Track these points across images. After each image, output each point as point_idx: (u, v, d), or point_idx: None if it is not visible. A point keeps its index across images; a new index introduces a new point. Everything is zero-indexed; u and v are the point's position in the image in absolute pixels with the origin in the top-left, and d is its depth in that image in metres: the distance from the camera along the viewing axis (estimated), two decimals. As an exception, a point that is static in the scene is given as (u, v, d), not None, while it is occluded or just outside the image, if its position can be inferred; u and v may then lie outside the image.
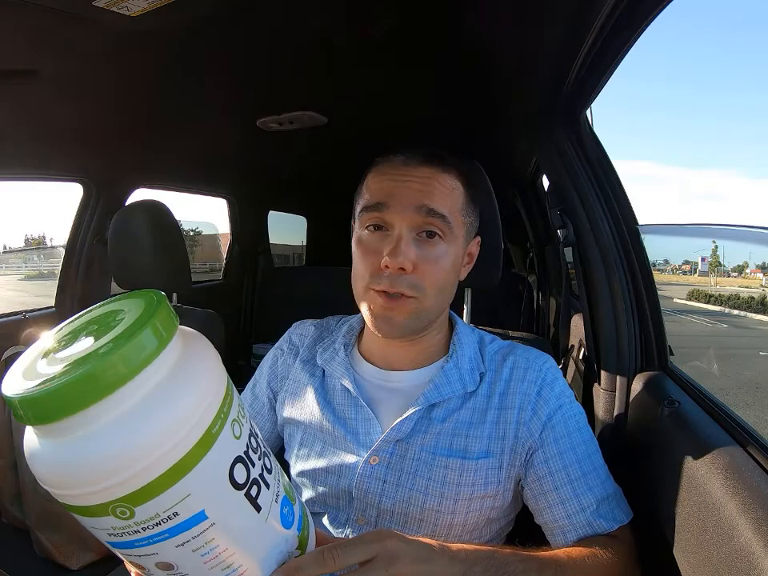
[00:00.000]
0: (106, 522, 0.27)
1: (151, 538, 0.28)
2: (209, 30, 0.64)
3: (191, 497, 0.27)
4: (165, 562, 0.29)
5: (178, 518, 0.27)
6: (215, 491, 0.29)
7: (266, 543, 0.33)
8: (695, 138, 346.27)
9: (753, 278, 11.00)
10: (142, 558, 0.29)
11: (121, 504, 0.26)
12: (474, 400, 0.59)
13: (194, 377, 0.29)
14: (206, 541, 0.29)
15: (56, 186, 1.38)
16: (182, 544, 0.28)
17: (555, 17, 0.62)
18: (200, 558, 0.29)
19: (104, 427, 0.26)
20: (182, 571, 0.30)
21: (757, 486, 0.44)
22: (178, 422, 0.27)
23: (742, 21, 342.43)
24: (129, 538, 0.28)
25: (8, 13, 0.56)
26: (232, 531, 0.30)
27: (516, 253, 2.50)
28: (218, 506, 0.29)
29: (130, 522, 0.27)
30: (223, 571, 0.31)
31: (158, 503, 0.27)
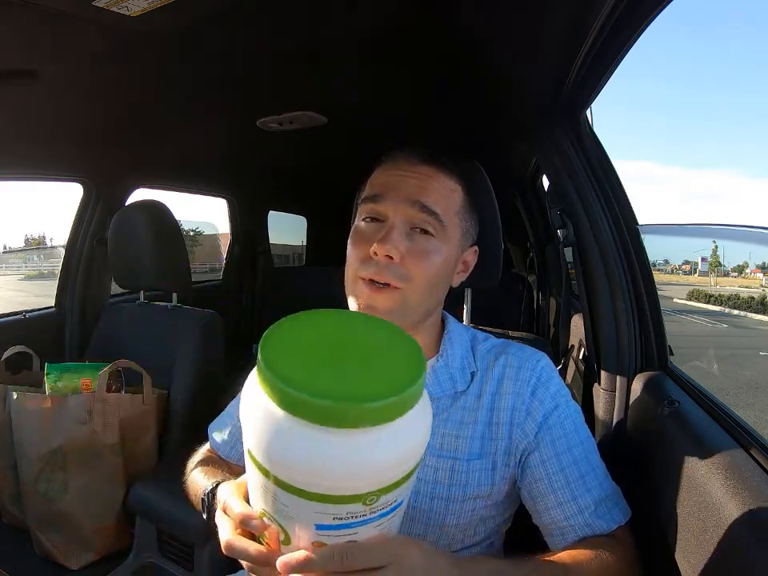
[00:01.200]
0: (350, 508, 0.33)
1: (372, 519, 0.34)
2: (209, 30, 0.64)
3: (404, 487, 0.35)
4: (352, 540, 0.35)
5: (395, 503, 0.35)
6: (410, 489, 0.37)
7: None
8: (695, 138, 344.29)
9: (753, 278, 11.00)
10: (334, 538, 0.35)
11: (377, 493, 0.33)
12: (465, 399, 0.58)
13: (424, 412, 0.36)
14: (389, 521, 0.36)
15: (56, 185, 1.38)
16: (379, 525, 0.35)
17: (555, 17, 0.62)
18: (375, 530, 0.36)
19: (391, 436, 0.33)
20: (355, 538, 0.35)
21: (757, 486, 0.44)
22: (422, 440, 0.36)
23: (742, 20, 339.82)
24: (353, 521, 0.34)
25: (8, 13, 0.56)
26: (402, 509, 0.38)
27: (516, 253, 2.50)
28: (407, 490, 0.36)
29: (371, 506, 0.33)
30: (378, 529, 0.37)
31: (395, 494, 0.34)
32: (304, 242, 2.76)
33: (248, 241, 2.13)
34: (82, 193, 1.43)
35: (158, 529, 0.96)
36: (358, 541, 0.35)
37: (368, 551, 0.37)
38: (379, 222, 0.57)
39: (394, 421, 0.32)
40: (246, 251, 2.12)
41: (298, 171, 1.84)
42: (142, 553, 0.98)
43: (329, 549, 0.36)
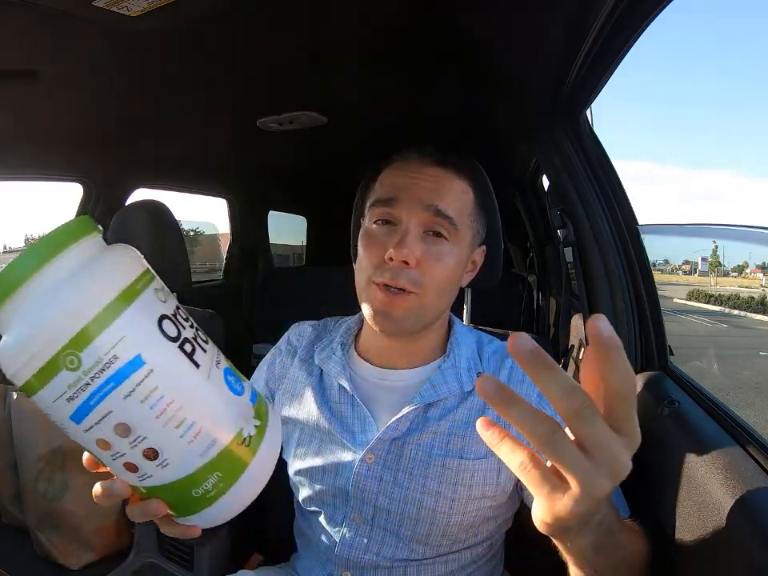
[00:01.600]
0: (61, 382, 0.30)
1: (101, 389, 0.30)
2: (209, 30, 0.64)
3: (125, 339, 0.31)
4: (121, 422, 0.31)
5: (119, 361, 0.30)
6: (147, 337, 0.32)
7: (215, 401, 0.34)
8: (695, 138, 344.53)
9: (753, 278, 11.00)
10: (98, 426, 0.31)
11: (68, 352, 0.29)
12: (472, 400, 0.58)
13: (112, 256, 0.33)
14: (150, 389, 0.31)
15: (56, 185, 1.38)
16: (129, 393, 0.31)
17: (555, 17, 0.62)
18: (150, 411, 0.31)
19: (37, 294, 0.30)
20: (139, 433, 0.31)
21: (757, 486, 0.44)
22: (104, 277, 0.32)
23: (743, 20, 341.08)
24: (83, 397, 0.30)
25: (8, 13, 0.56)
26: (172, 381, 0.32)
27: (516, 253, 2.50)
28: (152, 352, 0.32)
29: (79, 372, 0.30)
30: (178, 428, 0.32)
31: (98, 345, 0.30)
32: (304, 242, 2.76)
33: (248, 241, 2.13)
34: (82, 193, 1.43)
35: (158, 529, 0.96)
36: (128, 424, 0.31)
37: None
38: (392, 225, 0.56)
39: (15, 291, 0.30)
40: (245, 251, 2.12)
41: (298, 171, 1.84)
42: (142, 553, 0.98)
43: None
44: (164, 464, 0.32)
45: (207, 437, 0.33)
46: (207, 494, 0.34)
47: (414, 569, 0.58)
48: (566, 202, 0.87)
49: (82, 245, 0.32)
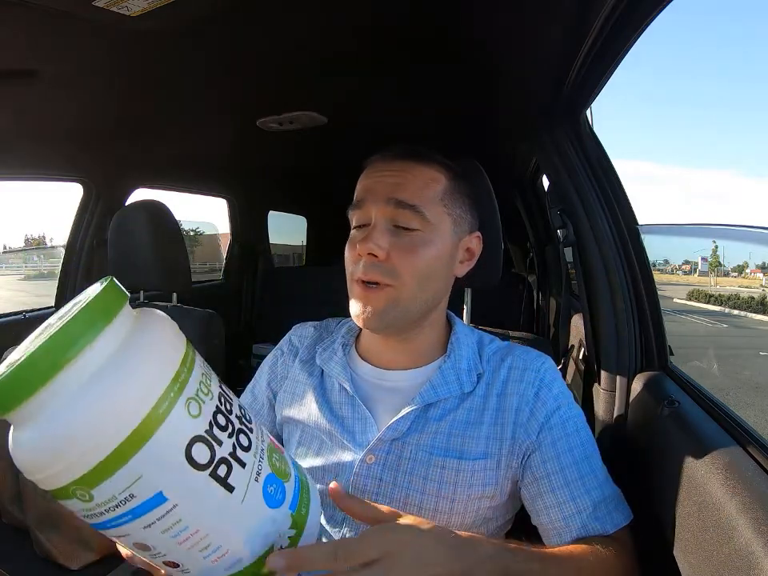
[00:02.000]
0: (74, 505, 0.28)
1: (116, 519, 0.28)
2: (209, 29, 0.64)
3: (144, 478, 0.27)
4: (139, 542, 0.30)
5: (136, 499, 0.28)
6: (171, 472, 0.28)
7: (247, 524, 0.32)
8: (695, 138, 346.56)
9: (753, 278, 11.00)
10: (120, 538, 0.30)
11: (78, 487, 0.27)
12: (471, 400, 0.58)
13: (135, 360, 0.29)
14: (173, 522, 0.29)
15: (56, 185, 1.38)
16: (149, 525, 0.29)
17: (555, 17, 0.62)
18: (171, 539, 0.29)
19: (48, 413, 0.27)
20: (160, 551, 0.30)
21: (757, 486, 0.44)
22: (118, 404, 0.27)
23: (743, 19, 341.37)
24: (98, 520, 0.29)
25: (8, 13, 0.56)
26: (200, 513, 0.30)
27: (516, 253, 2.50)
28: (177, 487, 0.29)
29: (92, 504, 0.28)
30: (201, 552, 0.30)
31: (111, 485, 0.27)
32: (304, 242, 2.76)
33: (248, 241, 2.13)
34: (82, 193, 1.43)
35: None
36: (147, 545, 0.30)
37: (361, 547, 0.36)
38: (366, 227, 0.58)
39: (32, 396, 0.26)
40: (245, 251, 2.12)
41: (298, 171, 1.84)
42: (142, 553, 0.98)
43: (329, 546, 0.36)
44: (185, 571, 0.32)
45: (233, 557, 0.32)
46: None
47: None
48: (565, 202, 0.87)
49: (101, 341, 0.28)
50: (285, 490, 0.35)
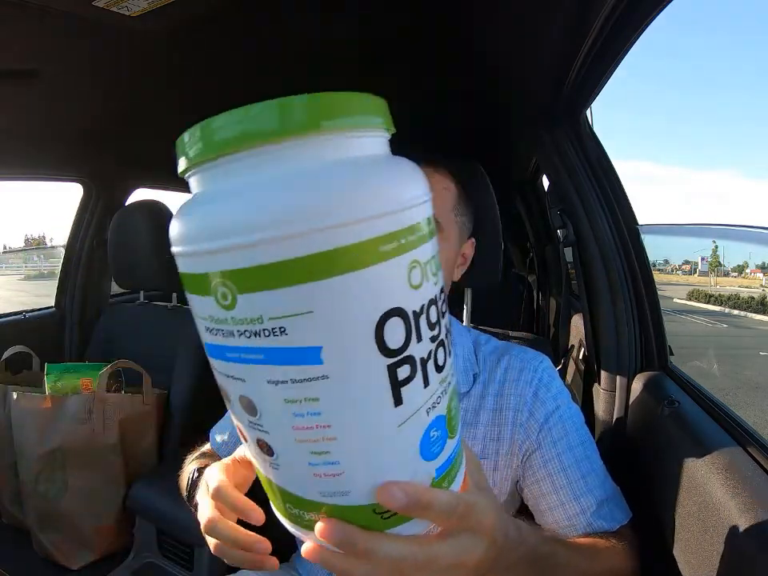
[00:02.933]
0: (208, 306, 0.22)
1: (245, 351, 0.22)
2: (209, 29, 0.64)
3: (313, 316, 0.20)
4: (249, 398, 0.23)
5: (284, 338, 0.21)
6: (348, 332, 0.21)
7: (384, 457, 0.24)
8: (695, 138, 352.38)
9: (753, 278, 11.00)
10: (229, 379, 0.23)
11: (225, 281, 0.21)
12: (467, 401, 0.58)
13: (404, 168, 0.24)
14: (309, 397, 0.22)
15: (56, 185, 1.38)
16: (276, 382, 0.22)
17: (555, 17, 0.62)
18: (290, 416, 0.22)
19: (268, 174, 0.21)
20: (262, 425, 0.23)
21: (757, 486, 0.44)
22: (347, 206, 0.21)
23: (743, 19, 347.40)
24: (222, 341, 0.22)
25: (8, 13, 0.56)
26: (345, 407, 0.22)
27: (516, 253, 2.50)
28: (342, 354, 0.21)
29: (229, 314, 0.21)
30: (312, 455, 0.23)
31: (266, 300, 0.20)
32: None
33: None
34: (82, 193, 1.43)
35: (158, 529, 0.96)
36: (254, 404, 0.23)
37: (473, 510, 0.28)
38: None
39: (279, 143, 0.21)
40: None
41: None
42: (142, 553, 0.98)
43: (439, 494, 0.26)
44: (275, 466, 0.25)
45: (342, 485, 0.24)
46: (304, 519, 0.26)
47: None
48: (565, 202, 0.87)
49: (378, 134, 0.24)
50: (444, 445, 0.27)
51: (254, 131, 0.22)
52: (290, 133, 0.21)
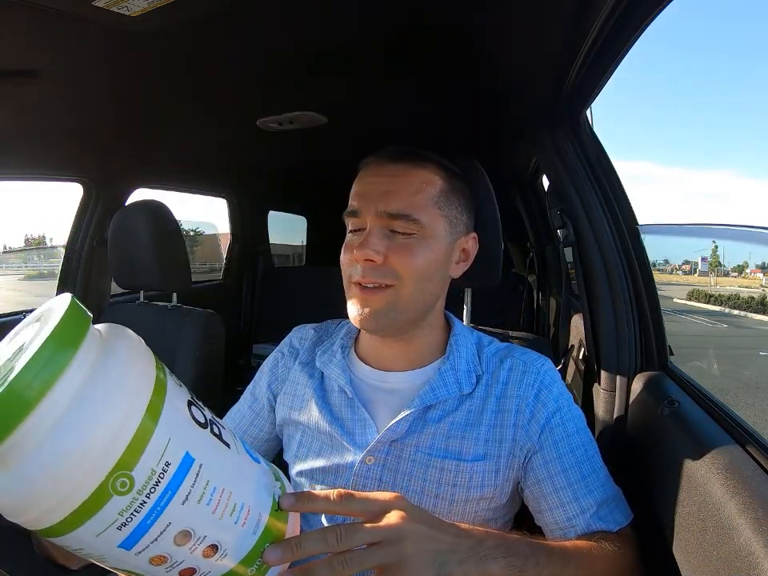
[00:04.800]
0: (112, 511, 0.27)
1: (158, 503, 0.29)
2: (209, 29, 0.64)
3: (172, 441, 0.29)
4: (181, 530, 0.30)
5: (171, 467, 0.29)
6: (187, 431, 0.31)
7: (250, 476, 0.35)
8: (695, 138, 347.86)
9: (753, 278, 11.01)
10: (158, 542, 0.29)
11: (118, 473, 0.27)
12: (470, 402, 0.58)
13: (121, 355, 0.31)
14: (204, 485, 0.31)
15: (56, 185, 1.38)
16: (186, 497, 0.30)
17: (555, 17, 0.62)
18: (207, 508, 0.31)
19: (56, 424, 0.27)
20: (199, 534, 0.31)
21: (757, 486, 0.44)
22: (130, 383, 0.29)
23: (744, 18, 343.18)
24: (139, 519, 0.28)
25: (8, 13, 0.56)
26: (219, 469, 0.32)
27: (516, 253, 2.50)
28: (196, 446, 0.31)
29: (133, 493, 0.28)
30: (232, 516, 0.32)
31: (148, 456, 0.28)
32: (304, 242, 2.76)
33: (248, 241, 2.13)
34: (82, 193, 1.43)
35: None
36: (189, 529, 0.30)
37: (357, 532, 0.37)
38: (362, 231, 0.58)
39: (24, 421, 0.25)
40: (245, 251, 2.12)
41: (298, 171, 1.84)
42: (142, 553, 0.98)
43: (321, 530, 0.37)
44: (223, 555, 0.33)
45: (255, 514, 0.34)
46: (261, 567, 0.35)
47: None
48: (565, 202, 0.87)
49: (85, 350, 0.28)
50: (255, 453, 0.39)
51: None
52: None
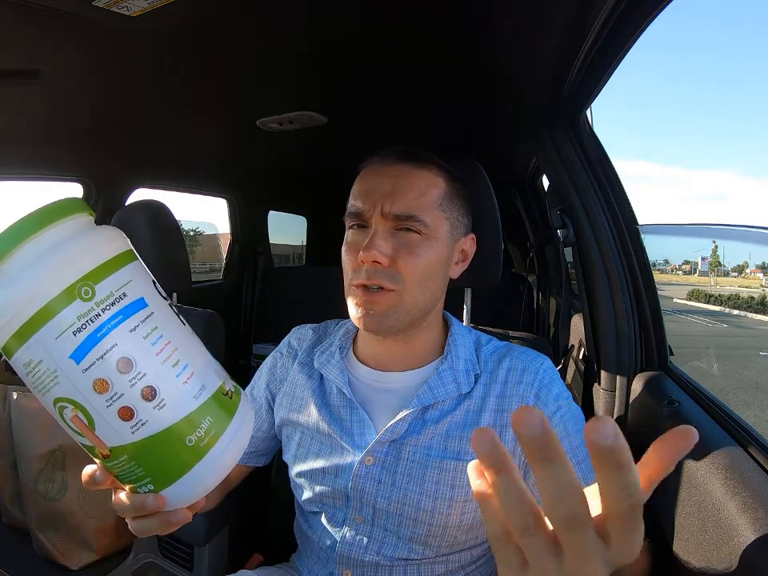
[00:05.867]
0: (71, 313, 0.31)
1: (110, 321, 0.32)
2: (209, 30, 0.64)
3: (133, 282, 0.34)
4: (123, 357, 0.32)
5: (127, 298, 0.33)
6: (147, 286, 0.36)
7: (200, 350, 0.38)
8: (695, 138, 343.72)
9: (753, 278, 11.00)
10: (103, 361, 0.32)
11: (85, 282, 0.32)
12: (469, 401, 0.58)
13: (107, 227, 0.37)
14: (152, 328, 0.34)
15: (56, 185, 1.38)
16: (134, 328, 0.33)
17: (555, 17, 0.62)
18: (151, 347, 0.33)
19: (48, 244, 0.32)
20: (140, 369, 0.33)
21: (757, 486, 0.44)
22: (111, 237, 0.36)
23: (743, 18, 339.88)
24: (92, 328, 0.31)
25: (8, 13, 0.56)
26: (169, 326, 0.35)
27: (516, 253, 2.50)
28: (152, 299, 0.35)
29: (92, 303, 0.32)
30: (174, 368, 0.34)
31: (111, 281, 0.33)
32: (304, 242, 2.76)
33: (248, 241, 2.13)
34: (82, 193, 1.43)
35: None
36: (130, 358, 0.33)
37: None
38: (365, 228, 0.57)
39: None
40: (246, 251, 2.12)
41: (298, 171, 1.84)
42: (142, 553, 0.98)
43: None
44: (161, 404, 0.33)
45: (199, 380, 0.36)
46: (200, 441, 0.35)
47: (415, 568, 0.58)
48: (565, 202, 0.87)
49: (88, 216, 0.36)
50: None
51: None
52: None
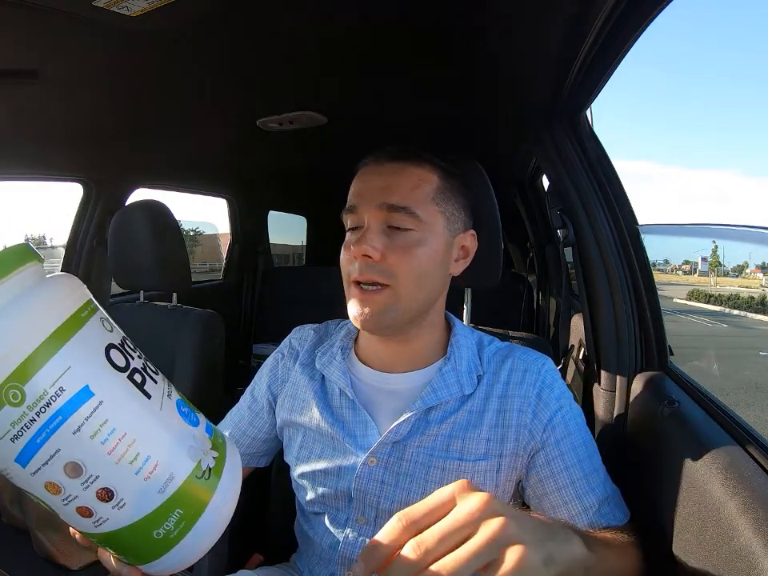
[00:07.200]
0: (4, 420, 0.28)
1: (48, 424, 0.28)
2: (209, 29, 0.64)
3: (72, 369, 0.29)
4: (70, 461, 0.29)
5: (66, 393, 0.29)
6: (94, 367, 0.31)
7: (169, 433, 0.33)
8: (696, 138, 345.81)
9: (753, 278, 11.01)
10: (49, 466, 0.29)
11: (10, 383, 0.28)
12: (471, 402, 0.58)
13: (49, 286, 0.32)
14: (100, 423, 0.29)
15: (56, 185, 1.38)
16: (78, 428, 0.29)
17: (555, 17, 0.62)
18: (101, 446, 0.29)
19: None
20: (91, 472, 0.29)
21: (757, 486, 0.44)
22: (42, 309, 0.30)
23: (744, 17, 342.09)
24: (29, 435, 0.28)
25: (8, 13, 0.56)
26: (124, 413, 0.31)
27: (516, 253, 2.50)
28: (101, 383, 0.30)
29: (23, 407, 0.28)
30: (133, 464, 0.30)
31: (43, 377, 0.28)
32: (304, 242, 2.76)
33: (248, 241, 2.13)
34: (82, 193, 1.43)
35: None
36: (78, 462, 0.29)
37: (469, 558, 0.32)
38: (361, 229, 0.58)
39: None
40: (246, 251, 2.12)
41: (298, 171, 1.84)
42: (142, 553, 0.98)
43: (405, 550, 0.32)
44: (120, 504, 0.31)
45: (165, 471, 0.32)
46: (170, 534, 0.32)
47: None
48: (565, 202, 0.87)
49: (21, 274, 0.30)
50: (198, 417, 0.37)
51: None
52: None
